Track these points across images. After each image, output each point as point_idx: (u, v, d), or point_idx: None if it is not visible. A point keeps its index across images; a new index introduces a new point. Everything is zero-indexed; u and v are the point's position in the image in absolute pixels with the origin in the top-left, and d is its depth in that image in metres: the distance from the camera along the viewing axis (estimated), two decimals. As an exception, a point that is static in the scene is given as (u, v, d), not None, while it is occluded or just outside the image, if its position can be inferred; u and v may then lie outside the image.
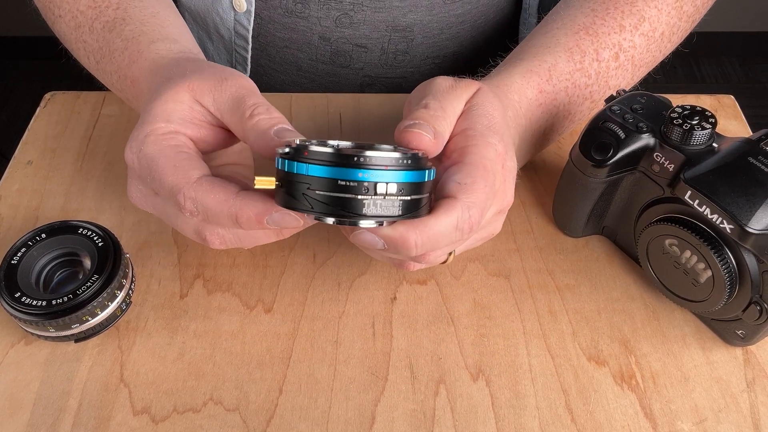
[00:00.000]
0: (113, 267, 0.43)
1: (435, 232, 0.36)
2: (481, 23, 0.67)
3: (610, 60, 0.50)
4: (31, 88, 1.98)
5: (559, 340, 0.45)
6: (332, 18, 0.63)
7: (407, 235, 0.35)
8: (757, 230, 0.38)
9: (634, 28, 0.50)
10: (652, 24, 0.51)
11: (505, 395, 0.43)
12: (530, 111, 0.47)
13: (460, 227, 0.36)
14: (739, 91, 0.66)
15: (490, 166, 0.38)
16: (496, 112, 0.41)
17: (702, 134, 0.41)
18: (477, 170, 0.38)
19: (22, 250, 0.44)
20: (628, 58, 0.50)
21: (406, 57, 0.66)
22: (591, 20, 0.50)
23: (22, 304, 0.41)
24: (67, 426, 0.41)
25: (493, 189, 0.38)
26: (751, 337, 0.43)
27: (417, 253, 0.36)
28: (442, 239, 0.36)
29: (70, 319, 0.42)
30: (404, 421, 0.42)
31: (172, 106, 0.40)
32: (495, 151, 0.39)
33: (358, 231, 0.36)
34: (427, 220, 0.36)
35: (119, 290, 0.44)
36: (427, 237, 0.36)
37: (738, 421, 0.42)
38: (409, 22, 0.63)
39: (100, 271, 0.43)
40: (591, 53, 0.49)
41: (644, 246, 0.45)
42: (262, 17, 0.64)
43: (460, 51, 0.68)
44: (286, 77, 0.69)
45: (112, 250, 0.44)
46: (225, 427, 0.41)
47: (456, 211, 0.36)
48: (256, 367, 0.44)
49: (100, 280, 0.42)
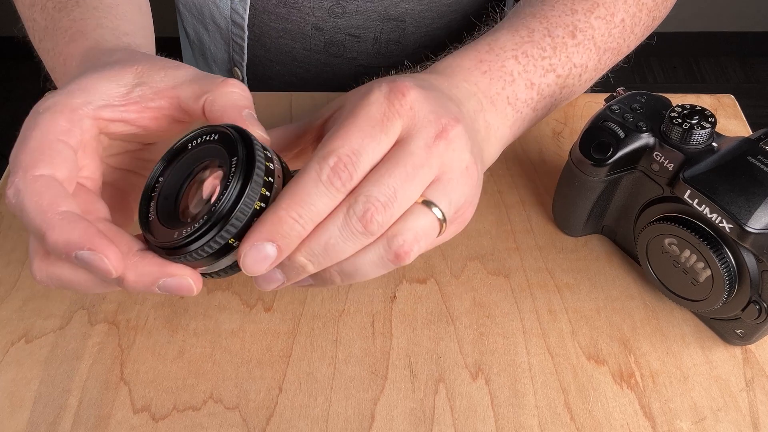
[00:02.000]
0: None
1: (302, 195, 0.32)
2: (472, 12, 0.67)
3: (566, 37, 0.47)
4: (31, 88, 1.98)
5: (558, 339, 0.45)
6: (325, 8, 0.63)
7: (277, 213, 0.32)
8: (756, 229, 0.38)
9: (588, 11, 0.48)
10: (608, 9, 0.48)
11: (505, 394, 0.43)
12: (472, 76, 0.43)
13: (325, 179, 0.33)
14: (739, 91, 0.66)
15: (360, 111, 0.34)
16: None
17: (701, 134, 0.41)
18: (337, 125, 0.34)
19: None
20: (587, 37, 0.48)
21: (399, 46, 0.67)
22: (539, 9, 0.48)
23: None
24: (67, 424, 0.41)
25: (368, 127, 0.34)
26: (750, 336, 0.43)
27: (305, 225, 0.33)
28: (316, 199, 0.33)
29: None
30: (404, 420, 0.42)
31: (106, 85, 0.37)
32: (376, 94, 0.35)
33: (242, 255, 0.33)
34: (286, 189, 0.33)
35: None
36: (297, 203, 0.32)
37: (737, 420, 0.42)
38: (400, 11, 0.64)
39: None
40: (541, 30, 0.46)
41: (644, 245, 0.45)
42: (256, 7, 0.65)
43: (453, 41, 0.68)
44: (281, 67, 0.69)
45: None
46: (225, 426, 0.41)
47: (312, 165, 0.33)
48: (256, 365, 0.44)
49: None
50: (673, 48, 1.84)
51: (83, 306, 0.47)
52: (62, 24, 0.46)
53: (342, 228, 0.33)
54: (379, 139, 0.34)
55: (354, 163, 0.33)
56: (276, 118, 0.59)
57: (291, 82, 0.71)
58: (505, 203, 0.53)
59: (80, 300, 0.47)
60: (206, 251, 0.33)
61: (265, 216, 0.33)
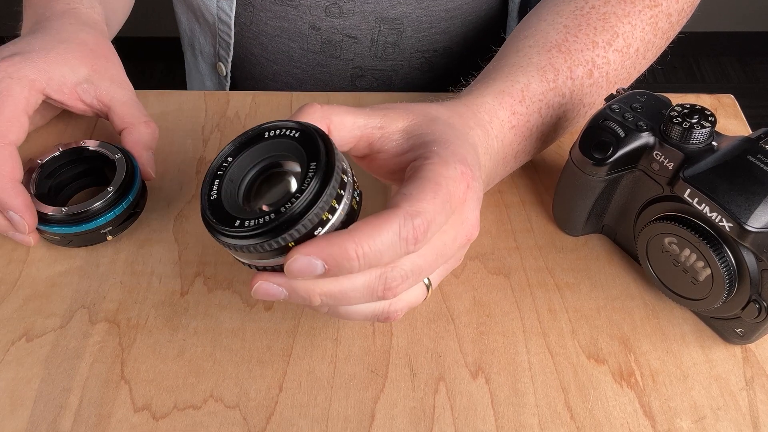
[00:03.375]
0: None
1: (376, 241, 0.33)
2: (471, 19, 0.67)
3: (584, 77, 0.49)
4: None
5: (558, 338, 0.46)
6: (322, 7, 0.63)
7: (345, 245, 0.32)
8: (756, 228, 0.38)
9: (608, 44, 0.49)
10: (626, 40, 0.50)
11: (505, 393, 0.43)
12: (502, 132, 0.46)
13: (404, 236, 0.33)
14: (739, 91, 0.66)
15: (444, 183, 0.36)
16: (450, 134, 0.39)
17: (701, 133, 0.41)
18: (426, 183, 0.35)
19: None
20: (602, 74, 0.50)
21: (396, 50, 0.67)
22: (563, 37, 0.49)
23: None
24: (67, 423, 0.42)
25: (446, 204, 0.35)
26: (750, 335, 0.43)
27: (360, 266, 0.33)
28: (385, 250, 0.33)
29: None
30: (404, 419, 0.42)
31: (63, 70, 0.50)
32: (455, 170, 0.36)
33: (293, 259, 0.33)
34: (365, 227, 0.33)
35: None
36: (369, 246, 0.33)
37: (737, 419, 0.42)
38: (398, 14, 0.64)
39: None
40: (564, 71, 0.48)
41: (644, 244, 0.45)
42: (254, 5, 0.65)
43: (451, 46, 0.68)
44: (278, 67, 0.70)
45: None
46: (225, 424, 0.42)
47: (398, 219, 0.33)
48: (257, 364, 0.44)
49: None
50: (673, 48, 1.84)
51: (84, 305, 0.47)
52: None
53: (366, 286, 0.35)
54: (447, 218, 0.36)
55: (429, 232, 0.35)
56: (276, 117, 0.59)
57: (287, 82, 0.71)
58: (505, 203, 0.53)
59: (81, 299, 0.47)
60: (265, 248, 0.33)
61: (335, 238, 0.33)
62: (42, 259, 0.50)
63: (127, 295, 0.48)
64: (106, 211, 0.48)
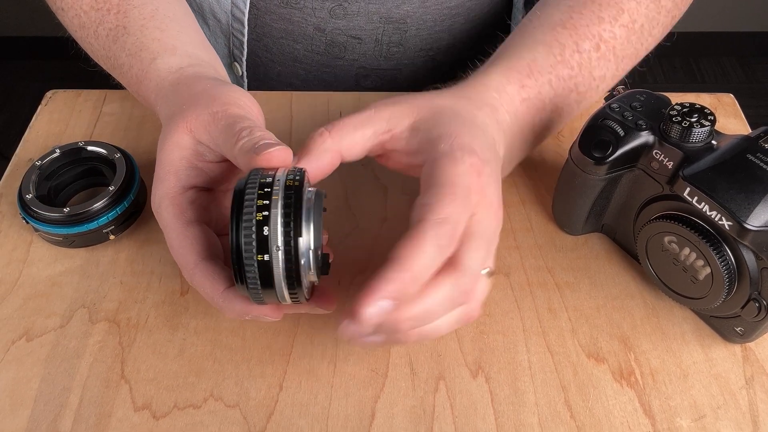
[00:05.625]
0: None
1: (418, 260, 0.34)
2: (475, 16, 0.67)
3: (591, 51, 0.49)
4: (31, 88, 1.98)
5: (558, 338, 0.46)
6: (326, 9, 0.63)
7: (395, 276, 0.34)
8: (755, 227, 0.38)
9: (614, 20, 0.50)
10: (631, 16, 0.50)
11: (505, 392, 0.43)
12: (513, 106, 0.46)
13: (442, 245, 0.35)
14: (739, 91, 0.66)
15: (458, 181, 0.37)
16: (453, 125, 0.40)
17: (701, 131, 0.41)
18: (441, 188, 0.36)
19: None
20: (609, 48, 0.50)
21: (401, 49, 0.67)
22: (568, 16, 0.50)
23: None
24: (67, 422, 0.42)
25: (466, 200, 0.36)
26: (749, 334, 0.43)
27: (415, 286, 0.35)
28: (429, 263, 0.35)
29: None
30: (404, 418, 0.42)
31: (178, 155, 0.41)
32: (463, 164, 0.37)
33: (363, 316, 0.34)
34: (402, 251, 0.34)
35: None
36: (415, 265, 0.34)
37: (737, 418, 0.42)
38: (402, 13, 0.64)
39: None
40: (571, 45, 0.48)
41: (643, 243, 0.45)
42: (259, 8, 0.65)
43: (455, 44, 0.68)
44: (283, 68, 0.70)
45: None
46: (225, 423, 0.42)
47: (429, 231, 0.35)
48: (257, 363, 0.44)
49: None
50: (673, 48, 1.84)
51: (84, 304, 0.47)
52: (121, 61, 0.50)
53: (446, 299, 0.36)
54: (472, 210, 0.37)
55: (459, 231, 0.36)
56: (276, 117, 0.59)
57: (292, 83, 0.71)
58: (505, 202, 0.53)
59: (81, 298, 0.47)
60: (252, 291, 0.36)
61: (384, 275, 0.34)
62: (42, 259, 0.50)
63: (127, 294, 0.48)
64: (108, 210, 0.48)
